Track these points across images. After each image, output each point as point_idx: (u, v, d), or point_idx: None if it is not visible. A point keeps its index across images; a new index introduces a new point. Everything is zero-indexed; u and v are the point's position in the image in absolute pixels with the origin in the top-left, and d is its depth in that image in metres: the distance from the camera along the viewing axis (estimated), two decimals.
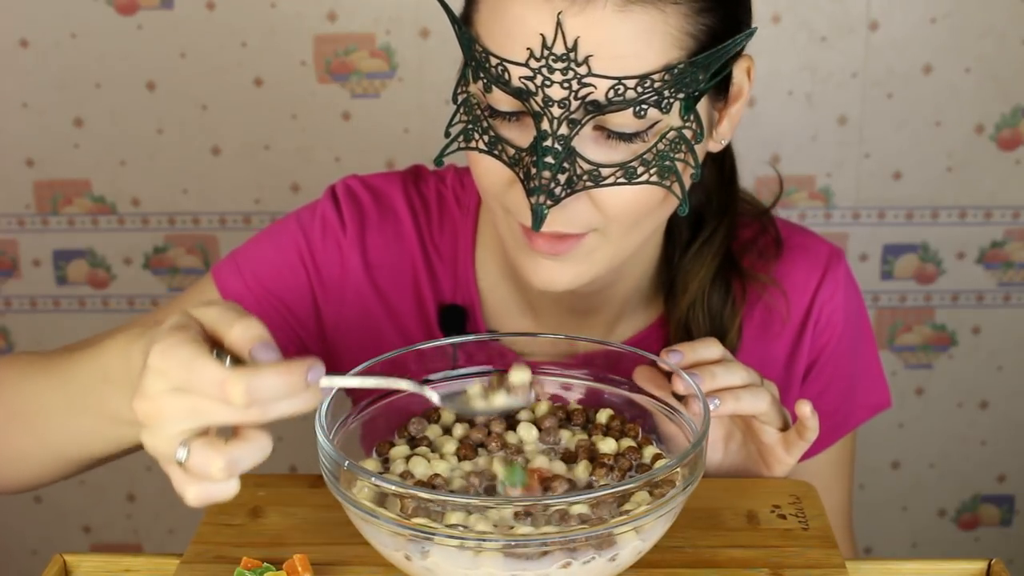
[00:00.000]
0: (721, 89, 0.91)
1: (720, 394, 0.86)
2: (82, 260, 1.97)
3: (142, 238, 1.95)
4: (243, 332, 0.70)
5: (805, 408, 0.88)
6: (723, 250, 1.03)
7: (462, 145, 0.90)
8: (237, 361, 0.70)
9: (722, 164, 1.05)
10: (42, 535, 2.12)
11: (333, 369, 0.82)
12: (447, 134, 0.90)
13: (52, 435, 0.90)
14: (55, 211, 1.94)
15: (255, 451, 0.70)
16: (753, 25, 0.89)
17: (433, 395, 0.77)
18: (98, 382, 0.84)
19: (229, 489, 0.71)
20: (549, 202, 0.84)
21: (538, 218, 0.84)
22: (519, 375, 0.84)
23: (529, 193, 0.85)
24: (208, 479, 0.70)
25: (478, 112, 0.88)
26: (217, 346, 0.71)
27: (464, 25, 0.88)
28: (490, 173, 0.89)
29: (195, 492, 0.71)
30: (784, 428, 0.92)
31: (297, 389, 0.69)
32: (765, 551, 0.82)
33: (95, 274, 1.97)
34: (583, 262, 0.91)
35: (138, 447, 0.86)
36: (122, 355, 0.80)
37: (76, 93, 1.87)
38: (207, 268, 1.96)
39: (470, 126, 0.89)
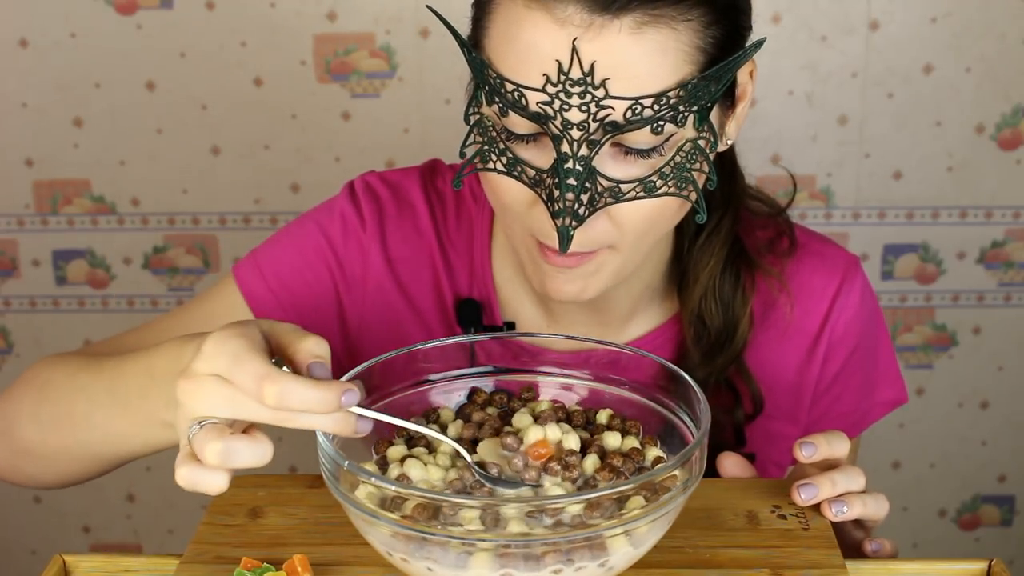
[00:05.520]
0: (728, 94, 0.92)
1: (848, 499, 0.87)
2: (82, 260, 1.97)
3: (142, 238, 1.95)
4: (313, 347, 0.75)
5: (887, 545, 0.91)
6: (730, 238, 1.04)
7: (479, 167, 0.90)
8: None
9: (721, 156, 1.05)
10: (42, 535, 2.12)
11: (355, 364, 0.83)
12: (462, 154, 0.91)
13: (92, 434, 0.92)
14: (55, 211, 1.94)
15: (254, 452, 0.73)
16: (752, 29, 0.91)
17: (459, 448, 0.80)
18: (144, 380, 0.86)
19: (217, 481, 0.73)
20: (574, 223, 0.85)
21: (565, 239, 0.86)
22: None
23: (554, 216, 0.86)
24: (203, 461, 0.73)
25: (493, 134, 0.88)
26: (277, 356, 0.76)
27: (474, 49, 0.88)
28: (510, 194, 0.90)
29: (186, 471, 0.74)
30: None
31: (329, 406, 0.72)
32: (765, 551, 0.82)
33: (95, 274, 1.97)
34: (594, 275, 0.93)
35: (164, 449, 0.89)
36: (172, 356, 0.83)
37: (76, 93, 1.87)
38: (207, 268, 1.96)
39: (485, 147, 0.89)
